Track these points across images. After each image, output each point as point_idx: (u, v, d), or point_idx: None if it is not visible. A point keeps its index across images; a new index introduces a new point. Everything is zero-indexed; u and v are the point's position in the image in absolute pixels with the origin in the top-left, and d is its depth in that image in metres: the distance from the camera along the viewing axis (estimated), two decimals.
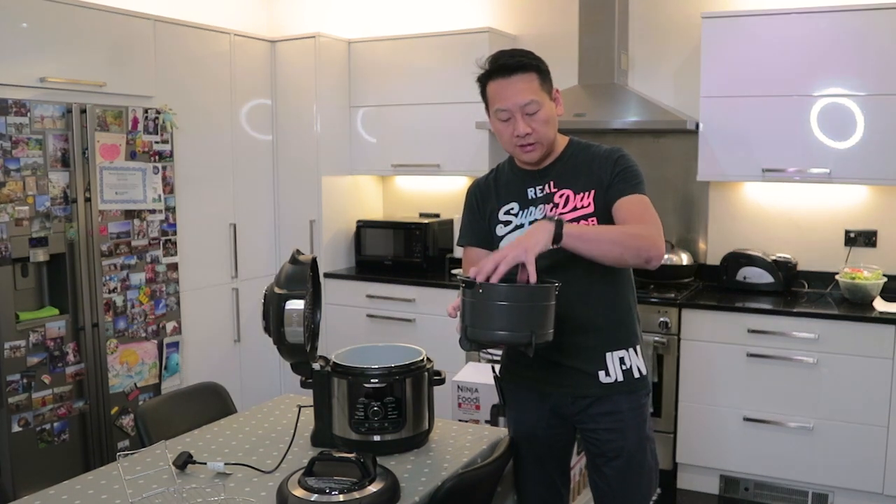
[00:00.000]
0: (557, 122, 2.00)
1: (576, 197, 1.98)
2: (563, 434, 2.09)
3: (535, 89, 1.92)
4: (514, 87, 1.91)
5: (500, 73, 1.93)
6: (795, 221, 3.79)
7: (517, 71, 1.91)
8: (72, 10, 3.24)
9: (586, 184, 1.98)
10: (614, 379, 1.97)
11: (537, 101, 1.92)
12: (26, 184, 2.96)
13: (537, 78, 1.93)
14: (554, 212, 1.98)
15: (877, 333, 3.15)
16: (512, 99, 1.92)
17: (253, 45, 4.16)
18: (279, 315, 1.95)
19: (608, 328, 1.99)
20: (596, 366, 1.97)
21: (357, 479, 1.69)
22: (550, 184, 2.02)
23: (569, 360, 1.98)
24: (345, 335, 4.17)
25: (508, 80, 1.92)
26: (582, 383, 1.98)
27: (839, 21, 3.34)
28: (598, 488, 2.05)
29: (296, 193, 4.33)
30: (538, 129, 1.94)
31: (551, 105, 1.97)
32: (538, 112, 1.93)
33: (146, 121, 3.38)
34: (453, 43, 4.10)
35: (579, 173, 1.99)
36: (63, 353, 3.12)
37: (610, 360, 1.97)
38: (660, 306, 3.51)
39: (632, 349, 2.00)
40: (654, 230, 1.88)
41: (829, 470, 3.28)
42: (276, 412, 2.35)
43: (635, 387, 2.00)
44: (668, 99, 3.94)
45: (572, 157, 2.03)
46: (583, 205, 1.97)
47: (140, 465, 1.92)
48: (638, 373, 2.00)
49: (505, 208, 2.06)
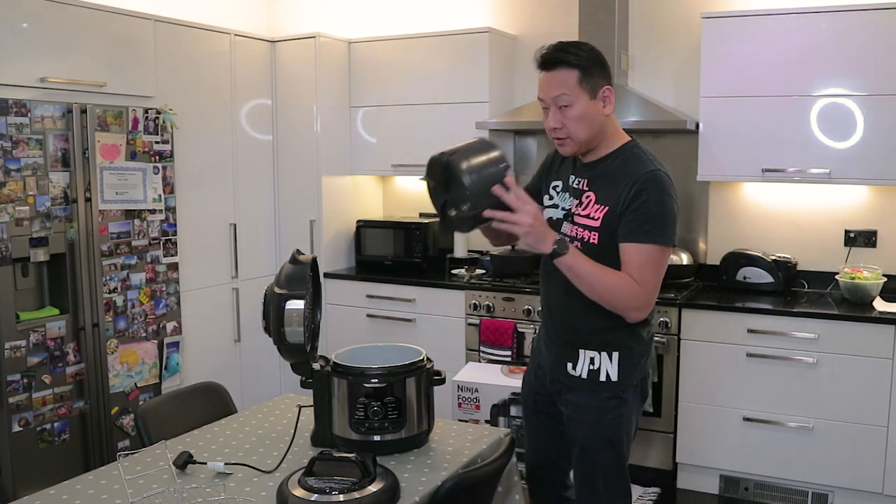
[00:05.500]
0: (601, 121, 2.01)
1: (594, 205, 2.02)
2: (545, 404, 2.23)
3: (571, 85, 1.96)
4: (552, 80, 1.98)
5: (544, 65, 2.01)
6: (795, 221, 3.79)
7: (558, 65, 1.97)
8: (72, 10, 3.24)
9: (607, 197, 2.00)
10: (579, 374, 2.09)
11: (569, 95, 1.96)
12: (26, 184, 2.97)
13: (577, 74, 1.96)
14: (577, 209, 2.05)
15: (877, 333, 3.15)
16: (546, 91, 2.00)
17: (253, 45, 4.17)
18: (279, 315, 1.96)
19: (586, 331, 2.07)
20: (568, 357, 2.11)
21: (357, 479, 1.70)
22: (585, 181, 2.06)
23: (554, 342, 2.16)
24: (345, 335, 4.18)
25: (549, 73, 2.00)
26: (556, 367, 2.15)
27: (839, 21, 3.34)
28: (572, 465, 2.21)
29: (296, 193, 4.33)
30: (568, 125, 1.98)
31: (590, 104, 1.98)
32: (570, 108, 1.97)
33: (146, 121, 3.38)
34: (453, 43, 4.10)
35: (609, 183, 2.01)
36: (63, 353, 3.12)
37: (581, 356, 2.08)
38: (660, 306, 3.50)
39: (606, 353, 2.06)
40: (643, 296, 1.95)
41: (829, 470, 3.28)
42: (276, 412, 2.35)
43: (597, 388, 2.07)
44: (668, 99, 3.94)
45: (613, 162, 2.04)
46: (594, 216, 2.01)
47: (140, 465, 1.93)
48: (605, 377, 2.06)
49: (554, 183, 2.17)
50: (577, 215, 2.04)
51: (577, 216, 2.04)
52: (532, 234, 1.90)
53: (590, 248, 1.99)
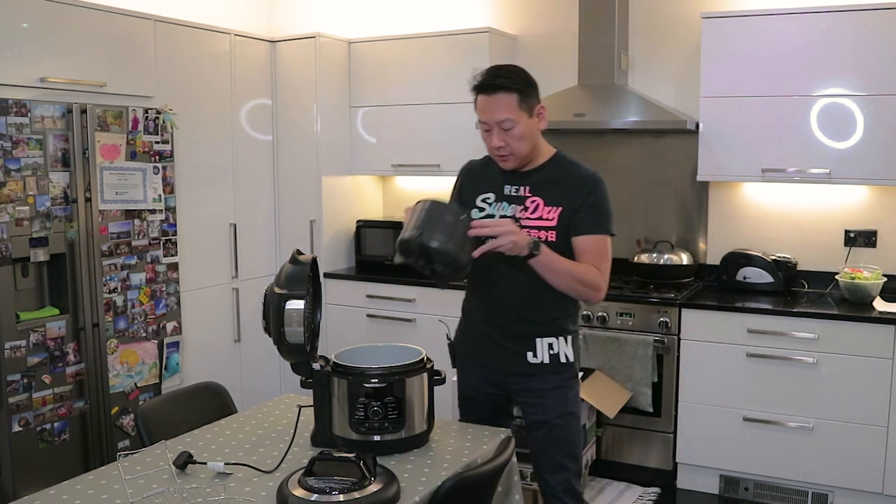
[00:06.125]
0: (537, 136, 2.23)
1: (544, 207, 2.22)
2: (496, 400, 2.38)
3: (513, 108, 2.14)
4: (494, 104, 2.15)
5: (484, 90, 2.16)
6: (795, 221, 3.79)
7: (498, 90, 2.14)
8: (72, 10, 3.24)
9: (558, 199, 2.21)
10: (540, 360, 2.26)
11: (513, 119, 2.14)
12: (27, 184, 2.97)
13: (517, 98, 2.14)
14: (522, 214, 2.23)
15: (877, 333, 3.15)
16: (490, 115, 2.16)
17: (253, 45, 4.17)
18: (279, 315, 1.96)
19: (541, 321, 2.25)
20: (525, 347, 2.26)
21: (357, 479, 1.70)
22: (527, 188, 2.26)
23: (504, 340, 2.28)
24: (345, 335, 4.18)
25: (490, 97, 2.15)
26: (513, 361, 2.28)
27: (839, 21, 3.34)
28: (531, 451, 2.36)
29: (296, 193, 4.33)
30: (511, 143, 2.17)
31: (529, 122, 2.18)
32: (513, 129, 2.15)
33: (146, 121, 3.38)
34: (453, 43, 4.10)
35: (555, 187, 2.23)
36: (63, 353, 3.12)
37: (539, 345, 2.26)
38: (660, 306, 3.51)
39: (562, 338, 2.28)
40: (602, 280, 2.20)
41: (829, 470, 3.28)
42: (276, 412, 2.35)
43: (560, 369, 2.28)
44: (668, 99, 3.94)
45: (553, 169, 2.26)
46: (548, 217, 2.21)
47: (140, 465, 1.93)
48: (565, 358, 2.28)
49: (482, 196, 2.31)
50: (526, 219, 2.23)
51: (526, 220, 2.22)
52: (516, 245, 2.04)
53: (548, 245, 2.17)
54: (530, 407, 2.30)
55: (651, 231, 4.05)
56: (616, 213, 2.27)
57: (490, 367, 2.33)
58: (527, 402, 2.31)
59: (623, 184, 4.05)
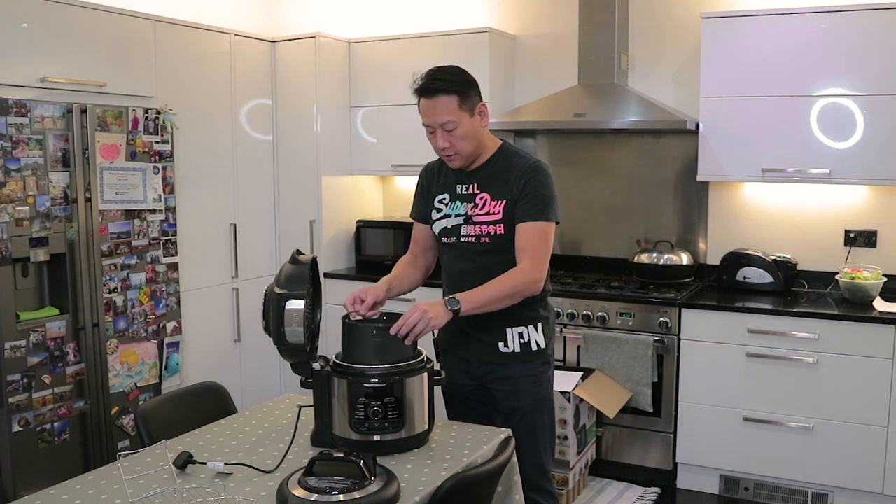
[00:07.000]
0: (481, 133, 2.28)
1: (491, 202, 2.28)
2: (473, 391, 2.42)
3: (454, 110, 2.20)
4: (435, 107, 2.20)
5: (424, 93, 2.22)
6: (795, 221, 3.79)
7: (438, 93, 2.20)
8: (72, 10, 3.25)
9: (501, 192, 2.28)
10: (512, 350, 2.32)
11: (454, 120, 2.20)
12: (26, 184, 2.97)
13: (457, 99, 2.20)
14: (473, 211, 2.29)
15: (876, 333, 3.15)
16: (432, 118, 2.22)
17: (253, 45, 4.17)
18: (279, 315, 1.96)
19: (510, 311, 2.26)
20: (497, 338, 2.32)
21: (357, 479, 1.70)
22: (475, 185, 2.32)
23: (476, 332, 2.34)
24: None
25: (431, 100, 2.21)
26: (484, 351, 2.35)
27: (839, 21, 3.34)
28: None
29: (296, 193, 4.33)
30: (456, 143, 2.23)
31: (471, 121, 2.23)
32: (456, 129, 2.21)
33: (146, 121, 3.38)
34: (453, 43, 4.10)
35: (498, 181, 2.29)
36: (63, 353, 3.12)
37: (510, 334, 2.32)
38: (660, 306, 3.51)
39: (532, 326, 2.33)
40: (536, 269, 2.22)
41: (829, 470, 3.28)
42: (276, 412, 2.35)
43: (531, 357, 2.34)
44: (668, 99, 3.94)
45: (496, 164, 2.32)
46: (494, 211, 2.28)
47: (140, 465, 1.93)
48: (536, 346, 2.34)
49: (439, 197, 2.39)
50: (476, 216, 2.29)
51: (476, 216, 2.29)
52: (437, 317, 2.06)
53: (498, 238, 2.27)
54: (502, 395, 2.36)
55: (651, 231, 4.05)
56: (616, 213, 2.27)
57: (466, 358, 2.39)
58: (499, 390, 2.37)
59: (623, 184, 4.05)
